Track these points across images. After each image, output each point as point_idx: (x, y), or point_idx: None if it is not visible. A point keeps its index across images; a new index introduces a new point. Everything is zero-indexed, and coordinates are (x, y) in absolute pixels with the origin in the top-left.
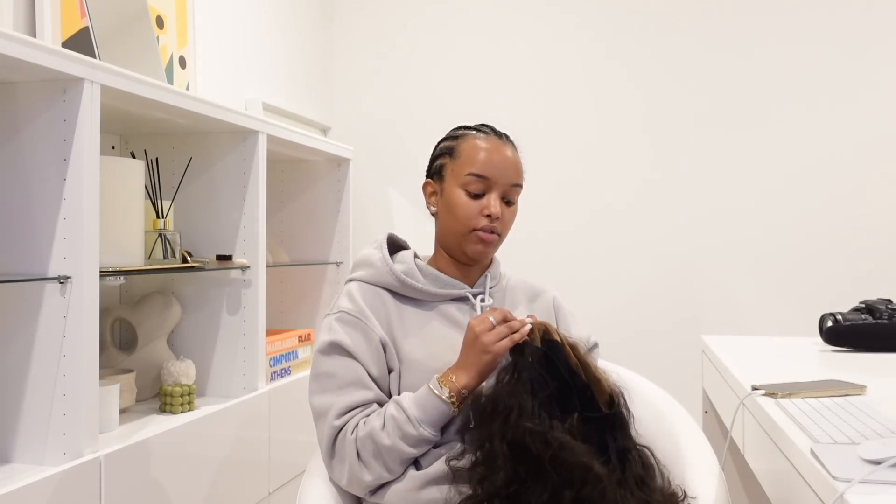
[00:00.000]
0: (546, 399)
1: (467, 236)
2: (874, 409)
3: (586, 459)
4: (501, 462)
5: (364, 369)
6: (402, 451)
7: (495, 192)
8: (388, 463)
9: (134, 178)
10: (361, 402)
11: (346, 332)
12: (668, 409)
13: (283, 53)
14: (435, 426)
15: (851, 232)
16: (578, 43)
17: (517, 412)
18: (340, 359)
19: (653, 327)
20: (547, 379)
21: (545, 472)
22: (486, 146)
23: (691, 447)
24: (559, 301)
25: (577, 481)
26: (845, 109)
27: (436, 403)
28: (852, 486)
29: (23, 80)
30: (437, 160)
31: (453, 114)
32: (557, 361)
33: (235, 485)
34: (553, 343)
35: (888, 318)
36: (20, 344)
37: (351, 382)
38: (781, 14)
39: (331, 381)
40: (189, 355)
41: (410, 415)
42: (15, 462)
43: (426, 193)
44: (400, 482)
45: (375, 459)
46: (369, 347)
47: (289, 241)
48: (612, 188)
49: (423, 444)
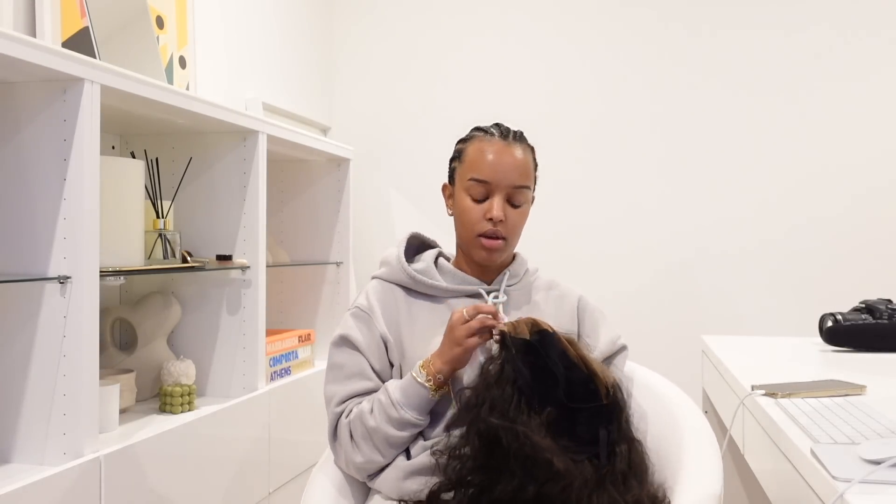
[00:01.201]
0: (526, 392)
1: (473, 241)
2: (874, 409)
3: (549, 456)
4: (472, 452)
5: (367, 362)
6: (386, 432)
7: (497, 195)
8: (376, 444)
9: (134, 178)
10: (361, 392)
11: (356, 327)
12: (671, 394)
13: (283, 53)
14: (417, 409)
15: (851, 232)
16: (582, 43)
17: (489, 405)
18: (348, 351)
19: (653, 327)
20: (528, 371)
21: (511, 465)
22: (488, 149)
23: (692, 432)
24: (585, 301)
25: (540, 477)
26: (846, 110)
27: (416, 387)
28: (852, 486)
29: (23, 80)
30: (451, 163)
31: (453, 114)
32: (549, 353)
33: (235, 485)
34: (545, 335)
35: (888, 318)
36: (20, 344)
37: (354, 374)
38: (783, 13)
39: (339, 371)
40: (189, 355)
41: (394, 398)
42: (15, 462)
43: (444, 196)
44: (389, 471)
45: (364, 441)
46: (372, 342)
47: (289, 241)
48: (613, 189)
49: (407, 427)
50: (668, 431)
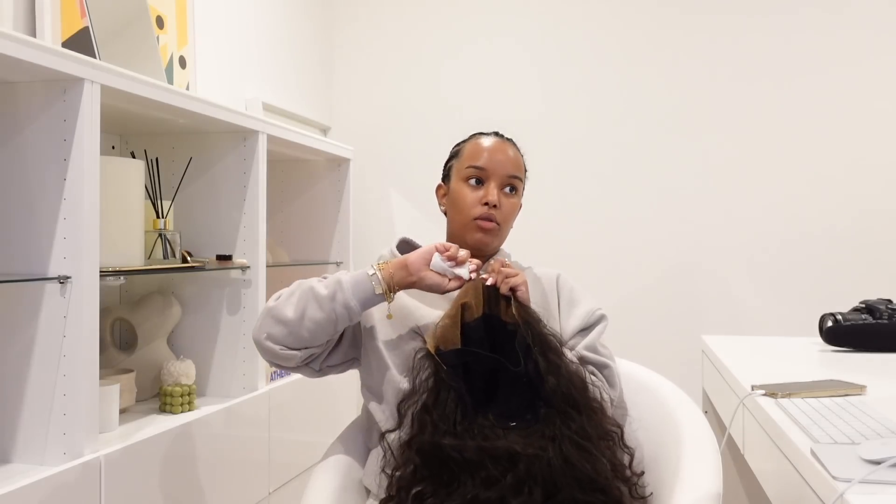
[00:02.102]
0: (467, 398)
1: (468, 225)
2: (874, 409)
3: (510, 445)
4: (412, 468)
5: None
6: (311, 284)
7: (493, 181)
8: (298, 292)
9: (134, 178)
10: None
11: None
12: (669, 393)
13: (283, 53)
14: (353, 277)
15: (851, 232)
16: (580, 45)
17: (431, 428)
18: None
19: (653, 327)
20: (461, 382)
21: (472, 471)
22: (486, 143)
23: (691, 433)
24: (564, 279)
25: (512, 466)
26: (845, 109)
27: (363, 275)
28: (852, 486)
29: (23, 80)
30: (447, 164)
31: (453, 114)
32: (479, 341)
33: (235, 485)
34: (490, 318)
35: (888, 318)
36: (20, 344)
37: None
38: (780, 14)
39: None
40: (189, 355)
41: (337, 274)
42: (15, 462)
43: (438, 196)
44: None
45: (287, 292)
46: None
47: (289, 241)
48: (613, 188)
49: (333, 287)
50: (666, 432)
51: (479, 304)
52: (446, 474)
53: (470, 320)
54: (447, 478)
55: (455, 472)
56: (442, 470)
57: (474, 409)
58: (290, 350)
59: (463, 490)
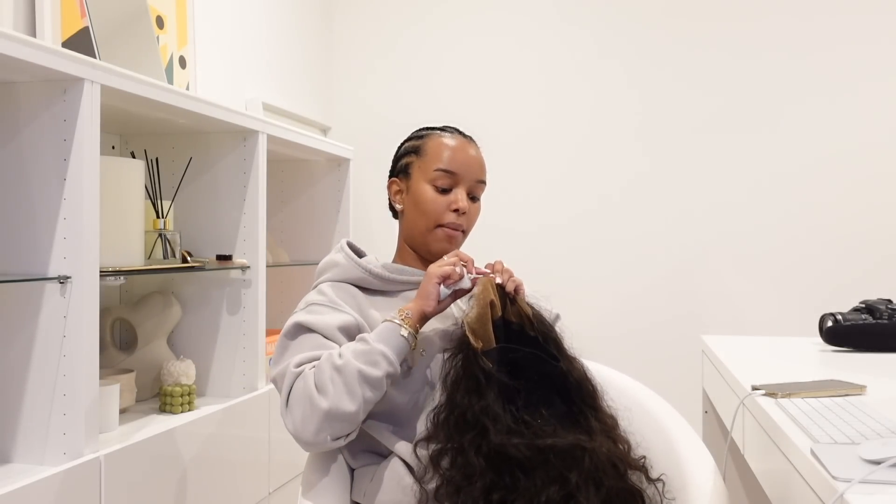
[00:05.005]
0: (516, 401)
1: (433, 232)
2: (874, 409)
3: (573, 439)
4: (479, 473)
5: (327, 339)
6: (358, 367)
7: (462, 187)
8: (346, 381)
9: (134, 178)
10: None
11: (310, 313)
12: (659, 408)
13: (283, 53)
14: (388, 344)
15: (851, 231)
16: (576, 43)
17: (493, 426)
18: (303, 336)
19: (653, 327)
20: (511, 380)
21: (540, 469)
22: (452, 144)
23: (686, 446)
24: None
25: (578, 460)
26: (845, 108)
27: (387, 325)
28: (852, 486)
29: (23, 80)
30: (403, 159)
31: (453, 113)
32: (518, 340)
33: (235, 485)
34: (508, 324)
35: (888, 318)
36: (20, 344)
37: (313, 347)
38: (775, 13)
39: (295, 349)
40: (189, 355)
41: (365, 337)
42: (15, 462)
43: (391, 192)
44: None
45: (331, 383)
46: (337, 323)
47: (289, 241)
48: (612, 188)
49: (381, 364)
50: (663, 455)
51: (499, 303)
52: (509, 476)
53: (496, 318)
54: (510, 479)
55: (517, 474)
56: (504, 472)
57: (521, 408)
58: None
59: (531, 490)
